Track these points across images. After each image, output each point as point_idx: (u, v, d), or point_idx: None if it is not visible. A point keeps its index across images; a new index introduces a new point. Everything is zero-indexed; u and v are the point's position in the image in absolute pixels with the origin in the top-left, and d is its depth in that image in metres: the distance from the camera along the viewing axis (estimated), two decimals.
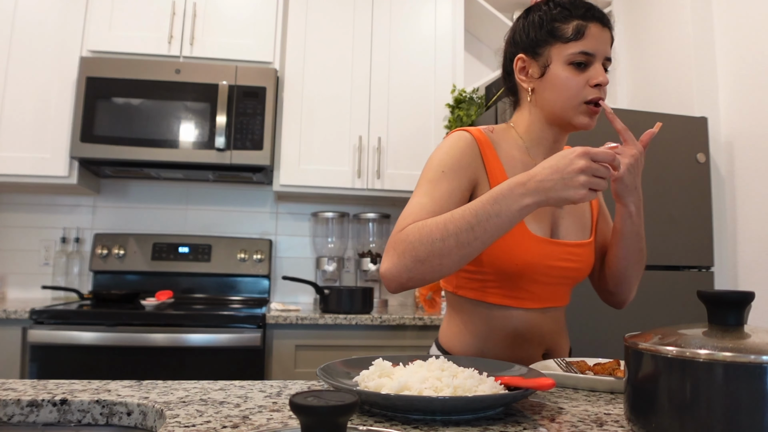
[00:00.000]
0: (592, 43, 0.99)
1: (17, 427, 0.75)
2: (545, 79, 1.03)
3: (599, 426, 0.68)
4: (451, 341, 1.10)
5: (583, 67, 0.99)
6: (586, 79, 0.99)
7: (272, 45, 2.52)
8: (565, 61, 1.00)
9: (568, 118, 1.02)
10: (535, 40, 1.03)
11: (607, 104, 1.00)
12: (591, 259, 1.10)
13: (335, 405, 0.42)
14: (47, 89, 2.37)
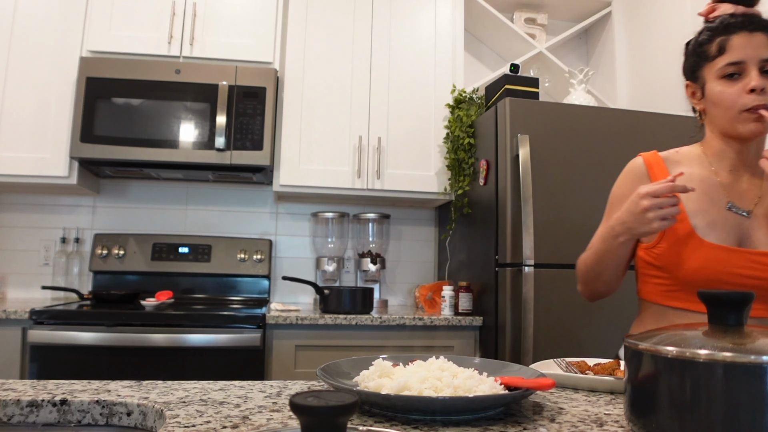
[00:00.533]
0: (737, 53, 1.03)
1: (17, 427, 0.75)
2: (706, 98, 1.10)
3: (599, 426, 0.68)
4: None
5: (737, 77, 1.03)
6: (742, 87, 1.03)
7: (272, 45, 2.52)
8: (717, 76, 1.06)
9: (734, 129, 1.06)
10: (692, 66, 1.13)
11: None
12: None
13: (335, 405, 0.42)
14: (47, 89, 2.37)
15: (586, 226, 2.18)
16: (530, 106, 2.21)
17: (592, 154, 2.22)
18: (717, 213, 1.07)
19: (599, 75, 3.11)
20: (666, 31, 2.66)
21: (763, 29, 1.03)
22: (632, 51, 2.92)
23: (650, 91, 2.77)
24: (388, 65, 2.63)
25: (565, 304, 2.12)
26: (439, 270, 2.91)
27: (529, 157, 2.11)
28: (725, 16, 1.07)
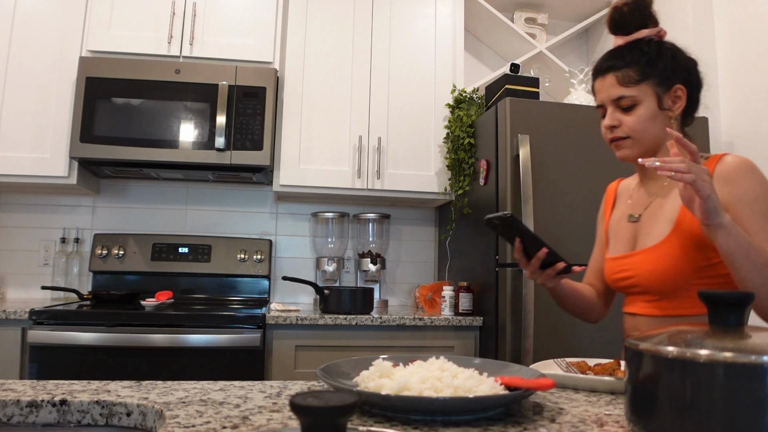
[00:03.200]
0: (598, 97, 1.19)
1: (17, 427, 0.75)
2: None
3: (600, 426, 0.68)
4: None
5: (605, 116, 1.18)
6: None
7: (272, 45, 2.52)
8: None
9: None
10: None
11: (648, 161, 0.96)
12: (646, 265, 1.11)
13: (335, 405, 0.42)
14: (47, 89, 2.37)
15: (586, 226, 2.18)
16: (530, 106, 2.21)
17: (592, 154, 2.22)
18: (623, 226, 1.23)
19: None
20: (666, 31, 2.66)
21: (611, 69, 1.16)
22: None
23: None
24: (388, 65, 2.62)
25: None
26: (439, 270, 2.91)
27: (529, 157, 2.11)
28: (601, 57, 1.22)
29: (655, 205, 1.17)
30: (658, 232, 1.12)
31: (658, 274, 1.09)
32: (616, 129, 1.15)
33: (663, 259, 1.08)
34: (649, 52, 1.14)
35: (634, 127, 1.13)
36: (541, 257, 1.09)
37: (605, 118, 1.17)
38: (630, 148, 1.15)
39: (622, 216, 1.25)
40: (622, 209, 1.27)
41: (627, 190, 1.30)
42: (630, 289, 1.16)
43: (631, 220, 1.20)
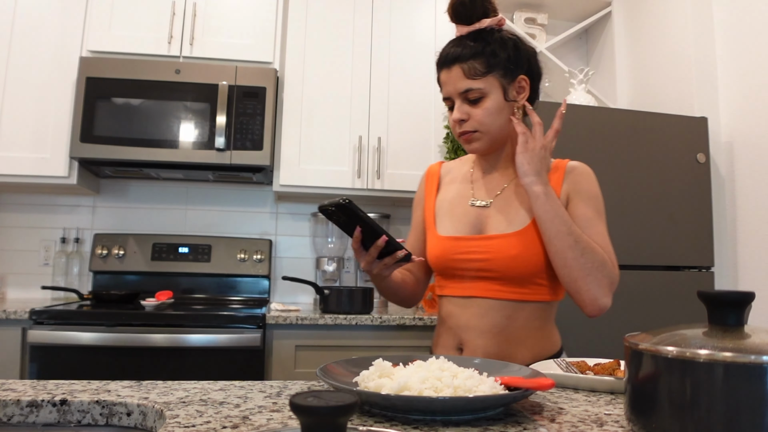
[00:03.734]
0: (444, 89, 1.16)
1: (17, 427, 0.75)
2: None
3: (599, 426, 0.68)
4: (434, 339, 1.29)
5: (452, 109, 1.16)
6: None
7: (272, 45, 2.52)
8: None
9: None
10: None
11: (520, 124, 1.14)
12: (509, 250, 1.11)
13: (335, 405, 0.42)
14: (47, 89, 2.37)
15: None
16: None
17: (592, 154, 2.22)
18: (461, 208, 1.21)
19: (599, 75, 3.10)
20: (666, 31, 2.66)
21: (457, 60, 1.13)
22: (632, 51, 2.92)
23: (650, 91, 2.76)
24: (388, 65, 2.62)
25: (565, 304, 2.11)
26: None
27: None
28: (447, 44, 1.17)
29: (507, 193, 1.19)
30: (518, 219, 1.14)
31: (520, 260, 1.11)
32: (464, 123, 1.15)
33: (526, 246, 1.11)
34: (492, 42, 1.13)
35: (483, 120, 1.14)
36: (381, 246, 1.04)
37: (454, 112, 1.15)
38: (479, 141, 1.16)
39: (457, 198, 1.23)
40: (453, 191, 1.25)
41: (456, 174, 1.29)
42: (479, 272, 1.13)
43: (477, 205, 1.19)
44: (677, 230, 2.27)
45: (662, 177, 2.28)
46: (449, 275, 1.19)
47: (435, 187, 1.30)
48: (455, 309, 1.17)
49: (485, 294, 1.13)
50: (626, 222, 2.22)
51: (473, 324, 1.14)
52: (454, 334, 1.17)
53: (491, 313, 1.13)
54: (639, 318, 2.17)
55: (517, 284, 1.13)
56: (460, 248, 1.15)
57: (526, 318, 1.15)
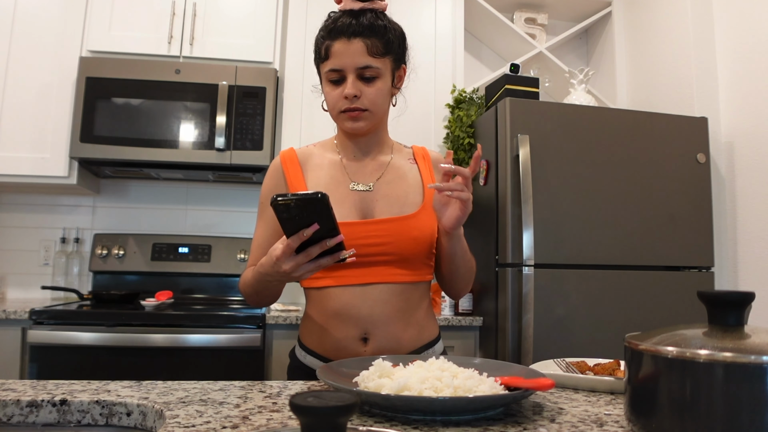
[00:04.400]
0: (337, 60, 1.10)
1: (17, 427, 0.75)
2: (323, 93, 1.19)
3: (599, 426, 0.68)
4: (302, 333, 1.21)
5: (340, 82, 1.11)
6: (341, 92, 1.11)
7: (272, 45, 2.52)
8: (325, 78, 1.15)
9: (339, 126, 1.19)
10: (315, 59, 1.22)
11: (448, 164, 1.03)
12: (410, 232, 1.11)
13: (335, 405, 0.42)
14: (47, 89, 2.37)
15: (586, 226, 2.18)
16: (530, 106, 2.21)
17: (592, 154, 2.22)
18: (341, 192, 1.15)
19: (599, 75, 3.11)
20: (666, 31, 2.66)
21: (360, 34, 1.08)
22: (632, 51, 2.92)
23: (650, 91, 2.77)
24: None
25: (565, 304, 2.12)
26: None
27: (529, 158, 2.11)
28: (338, 14, 1.12)
29: (388, 177, 1.18)
30: (409, 201, 1.15)
31: (420, 242, 1.12)
32: (356, 99, 1.11)
33: (422, 228, 1.13)
34: (389, 26, 1.13)
35: (375, 100, 1.12)
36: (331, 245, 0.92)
37: (348, 86, 1.09)
38: (366, 120, 1.13)
39: (333, 183, 1.16)
40: (325, 177, 1.17)
41: (320, 160, 1.21)
42: (377, 256, 1.10)
43: (359, 188, 1.16)
44: (677, 230, 2.27)
45: (662, 177, 2.28)
46: (339, 264, 1.07)
47: (299, 171, 1.20)
48: (353, 298, 1.10)
49: (386, 279, 1.11)
50: (626, 222, 2.22)
51: (378, 311, 1.10)
52: (356, 324, 1.09)
53: (394, 298, 1.11)
54: (639, 318, 2.17)
55: (412, 266, 1.13)
56: (352, 233, 1.09)
57: (419, 299, 1.16)
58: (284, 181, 1.20)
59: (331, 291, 1.12)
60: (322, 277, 1.12)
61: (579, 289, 2.14)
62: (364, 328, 1.10)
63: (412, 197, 1.17)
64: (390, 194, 1.16)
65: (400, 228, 1.11)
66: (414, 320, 1.14)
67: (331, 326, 1.12)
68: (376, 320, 1.10)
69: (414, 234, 1.12)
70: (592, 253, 2.17)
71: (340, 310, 1.11)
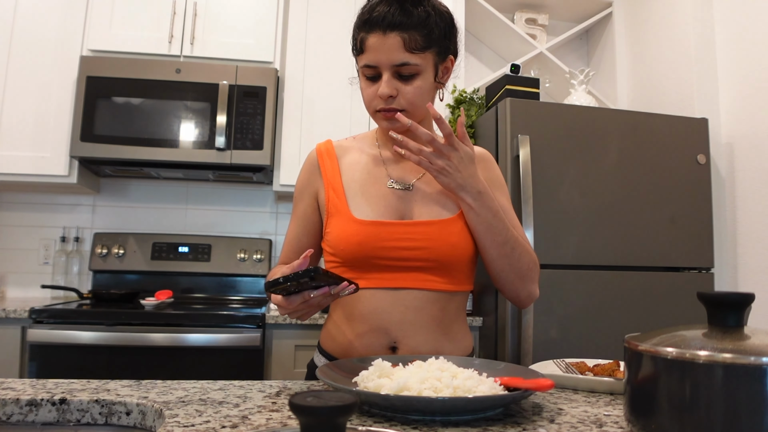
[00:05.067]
0: (372, 55, 1.01)
1: (16, 426, 0.75)
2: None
3: (599, 427, 0.68)
4: (325, 339, 1.13)
5: (375, 78, 1.03)
6: (376, 89, 1.03)
7: (273, 45, 2.52)
8: (360, 72, 1.06)
9: (376, 122, 1.09)
10: (352, 48, 1.09)
11: (404, 119, 0.98)
12: (448, 237, 1.03)
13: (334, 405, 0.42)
14: (47, 88, 2.37)
15: (586, 226, 2.18)
16: (531, 106, 2.21)
17: (593, 154, 2.22)
18: (377, 190, 1.08)
19: (600, 76, 3.10)
20: (667, 32, 2.66)
21: (396, 28, 0.98)
22: (633, 52, 2.92)
23: (651, 91, 2.77)
24: None
25: (565, 305, 2.12)
26: None
27: (529, 158, 2.11)
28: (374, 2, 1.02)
29: (430, 177, 1.09)
30: (449, 204, 1.06)
31: (459, 248, 1.03)
32: (393, 99, 1.02)
33: (461, 233, 1.04)
34: (433, 12, 1.03)
35: (413, 100, 1.02)
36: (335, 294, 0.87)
37: (382, 85, 1.00)
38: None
39: (370, 179, 1.09)
40: (362, 172, 1.11)
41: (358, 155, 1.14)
42: (412, 261, 1.03)
43: (397, 187, 1.08)
44: (677, 231, 2.27)
45: (662, 178, 2.28)
46: (370, 265, 1.03)
47: (335, 165, 1.12)
48: (382, 303, 1.02)
49: (420, 285, 1.03)
50: (626, 223, 2.22)
51: (409, 319, 1.02)
52: (385, 331, 1.02)
53: (428, 305, 1.03)
54: (639, 319, 2.17)
55: (450, 274, 1.05)
56: (387, 234, 1.02)
57: (456, 309, 1.08)
58: (319, 175, 1.13)
59: (360, 293, 1.03)
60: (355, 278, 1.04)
61: (579, 289, 2.14)
62: (393, 336, 1.02)
63: (452, 199, 1.07)
64: (429, 195, 1.08)
65: (438, 232, 1.03)
66: (449, 332, 1.06)
67: (358, 332, 1.04)
68: (407, 328, 1.02)
69: (452, 240, 1.03)
70: (592, 253, 2.17)
71: (368, 314, 1.03)
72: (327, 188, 1.10)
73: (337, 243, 1.05)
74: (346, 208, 1.06)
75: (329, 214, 1.08)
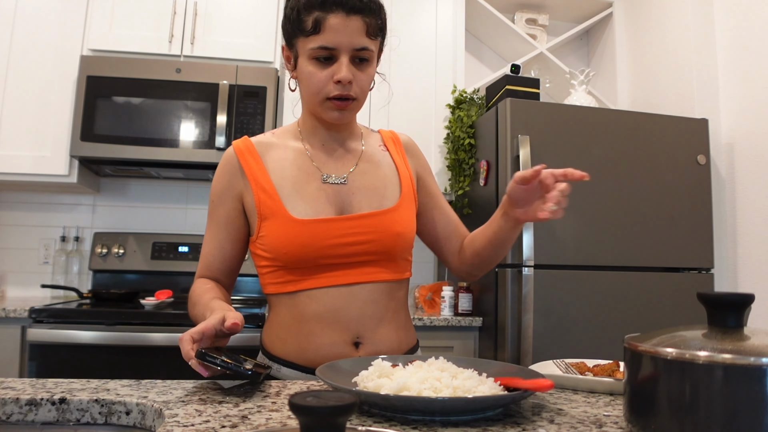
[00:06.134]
0: (331, 36, 0.94)
1: (16, 425, 0.75)
2: (297, 71, 1.03)
3: (598, 427, 0.68)
4: (272, 343, 1.09)
5: (328, 61, 0.97)
6: (330, 73, 0.97)
7: (273, 44, 2.52)
8: (308, 56, 0.97)
9: (317, 113, 1.03)
10: (288, 31, 1.02)
11: (577, 172, 0.94)
12: (393, 227, 1.03)
13: (334, 405, 0.42)
14: (48, 88, 2.37)
15: (586, 227, 2.18)
16: (531, 106, 2.21)
17: (593, 154, 2.22)
18: (312, 186, 1.04)
19: (600, 76, 3.10)
20: (667, 32, 2.66)
21: (360, 11, 0.95)
22: (633, 52, 2.92)
23: (651, 92, 2.77)
24: (389, 65, 2.62)
25: (565, 305, 2.12)
26: (439, 270, 2.91)
27: (529, 158, 2.11)
28: None
29: (362, 167, 1.08)
30: (388, 194, 1.06)
31: (403, 237, 1.04)
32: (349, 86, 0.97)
33: (404, 222, 1.05)
34: (380, 3, 1.01)
35: (365, 87, 1.01)
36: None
37: (342, 69, 0.95)
38: (353, 111, 1.03)
39: (302, 175, 1.04)
40: (291, 169, 1.05)
41: (282, 152, 1.07)
42: (361, 255, 1.01)
43: (332, 181, 1.05)
44: (677, 232, 2.27)
45: (662, 178, 2.28)
46: (316, 265, 1.00)
47: (260, 164, 1.05)
48: (337, 301, 1.00)
49: (373, 278, 1.02)
50: (626, 223, 2.22)
51: (369, 312, 1.01)
52: (346, 328, 1.00)
53: (383, 297, 1.03)
54: (639, 319, 2.17)
55: (395, 263, 1.06)
56: (331, 231, 0.99)
57: (404, 297, 1.10)
58: (242, 175, 1.05)
59: (311, 294, 1.00)
60: (297, 280, 1.01)
61: (579, 289, 2.14)
62: (355, 332, 1.01)
63: (390, 189, 1.07)
64: (366, 186, 1.06)
65: (381, 223, 1.02)
66: (404, 321, 1.10)
67: (314, 332, 1.01)
68: (367, 322, 1.02)
69: (397, 229, 1.03)
70: (591, 253, 2.17)
71: (324, 313, 1.00)
72: (255, 189, 1.03)
73: (277, 246, 1.00)
74: (282, 208, 1.00)
75: (262, 216, 1.02)
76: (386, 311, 1.04)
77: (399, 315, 1.08)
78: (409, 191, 1.10)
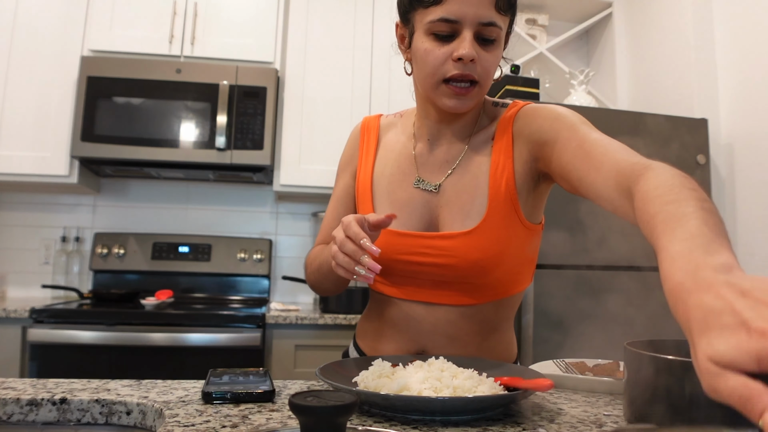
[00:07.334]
0: (455, 6, 0.80)
1: (16, 425, 0.75)
2: (413, 50, 0.89)
3: (598, 427, 0.68)
4: (360, 329, 1.11)
5: (448, 38, 0.83)
6: (450, 51, 0.83)
7: (273, 45, 2.52)
8: (426, 30, 0.84)
9: (433, 98, 0.89)
10: (404, 4, 0.89)
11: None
12: (469, 254, 0.88)
13: (334, 405, 0.42)
14: (48, 88, 2.37)
15: (585, 226, 2.18)
16: None
17: None
18: (403, 191, 0.94)
19: (600, 76, 3.10)
20: (667, 32, 2.66)
21: None
22: (633, 52, 2.92)
23: (651, 91, 2.76)
24: (389, 65, 2.62)
25: (565, 305, 2.12)
26: None
27: None
28: None
29: (459, 173, 0.93)
30: (476, 209, 0.89)
31: (483, 266, 0.89)
32: (472, 65, 0.83)
33: (487, 245, 0.88)
34: None
35: (490, 71, 0.86)
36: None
37: (464, 44, 0.81)
38: (474, 99, 0.87)
39: (398, 175, 0.96)
40: (392, 164, 0.97)
41: (394, 139, 1.00)
42: (434, 276, 0.91)
43: (423, 188, 0.94)
44: None
45: None
46: (397, 275, 0.95)
47: (373, 148, 1.00)
48: (416, 313, 0.94)
49: (451, 301, 0.92)
50: (627, 223, 2.22)
51: (441, 330, 0.93)
52: (414, 340, 0.95)
53: (460, 320, 0.93)
54: (639, 319, 2.17)
55: (474, 287, 0.92)
56: (405, 248, 0.91)
57: (502, 318, 0.97)
58: (356, 152, 1.03)
59: (394, 300, 0.96)
60: (389, 285, 0.96)
61: (579, 289, 2.14)
62: (422, 344, 0.94)
63: (477, 202, 0.90)
64: (456, 199, 0.92)
65: (457, 247, 0.88)
66: (487, 341, 0.96)
67: (385, 335, 0.98)
68: (438, 339, 0.93)
69: (474, 256, 0.88)
70: (592, 253, 2.18)
71: (399, 321, 0.96)
72: (361, 175, 1.00)
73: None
74: (370, 209, 0.97)
75: (359, 205, 1.00)
76: (459, 332, 0.93)
77: (477, 338, 0.95)
78: (497, 203, 0.90)
